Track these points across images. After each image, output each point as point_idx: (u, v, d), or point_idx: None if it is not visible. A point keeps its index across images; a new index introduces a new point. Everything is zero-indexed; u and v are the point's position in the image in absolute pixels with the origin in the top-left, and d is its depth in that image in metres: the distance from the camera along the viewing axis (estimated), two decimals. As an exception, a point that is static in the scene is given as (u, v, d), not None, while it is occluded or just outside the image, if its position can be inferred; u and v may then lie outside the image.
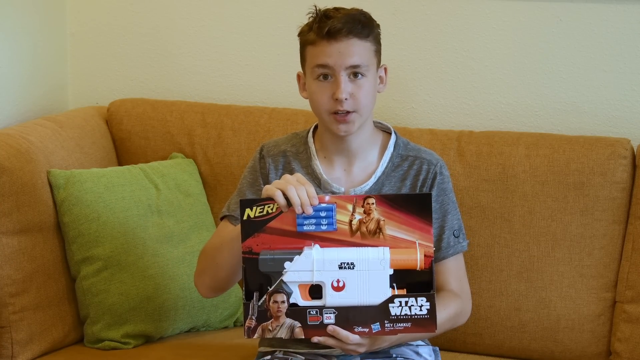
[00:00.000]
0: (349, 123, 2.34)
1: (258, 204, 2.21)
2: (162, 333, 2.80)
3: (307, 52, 2.36)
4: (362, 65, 2.32)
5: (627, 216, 2.74)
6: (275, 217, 2.20)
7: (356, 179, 2.43)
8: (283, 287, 2.19)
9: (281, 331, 2.20)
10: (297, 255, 2.19)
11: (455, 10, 2.99)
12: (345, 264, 2.19)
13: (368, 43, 2.34)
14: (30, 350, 2.68)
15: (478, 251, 2.77)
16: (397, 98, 3.04)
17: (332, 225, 2.20)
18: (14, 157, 2.68)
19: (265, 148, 2.48)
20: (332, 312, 2.20)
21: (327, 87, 2.33)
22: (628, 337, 2.69)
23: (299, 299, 2.19)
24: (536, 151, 2.77)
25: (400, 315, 2.19)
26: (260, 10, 3.16)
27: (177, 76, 3.26)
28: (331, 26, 2.30)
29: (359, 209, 2.20)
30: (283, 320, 2.20)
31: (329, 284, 2.19)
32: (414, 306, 2.19)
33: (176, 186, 2.92)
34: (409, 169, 2.44)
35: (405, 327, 2.20)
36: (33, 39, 3.15)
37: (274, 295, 2.19)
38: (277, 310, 2.19)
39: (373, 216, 2.20)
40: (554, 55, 2.93)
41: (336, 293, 2.19)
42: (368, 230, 2.20)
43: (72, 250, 2.76)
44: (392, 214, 2.20)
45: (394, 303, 2.19)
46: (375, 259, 2.19)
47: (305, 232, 2.20)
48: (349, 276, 2.19)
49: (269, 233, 2.20)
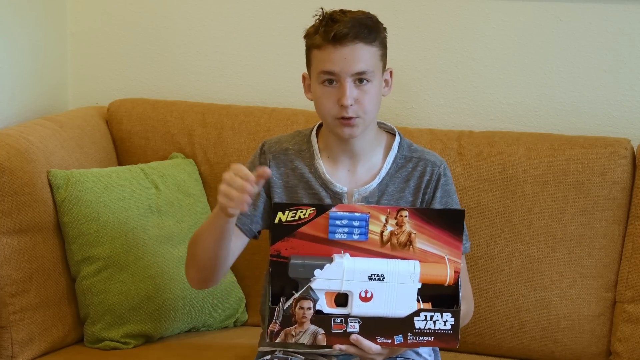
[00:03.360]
0: (353, 127, 2.34)
1: (291, 209, 2.19)
2: (162, 333, 2.80)
3: (313, 56, 2.35)
4: (367, 71, 2.31)
5: (627, 216, 2.74)
6: (307, 223, 2.19)
7: (360, 180, 2.43)
8: (310, 293, 2.18)
9: (304, 337, 2.19)
10: (327, 264, 2.18)
11: (456, 10, 2.99)
12: (375, 276, 2.17)
13: (374, 48, 2.33)
14: (30, 350, 2.68)
15: (478, 251, 2.77)
16: (397, 98, 3.04)
17: (364, 235, 2.19)
18: (14, 157, 2.67)
19: (267, 144, 2.47)
20: (356, 322, 2.19)
21: (333, 93, 2.33)
22: (628, 337, 2.69)
23: (324, 306, 2.18)
24: (536, 151, 2.77)
25: (424, 329, 2.19)
26: (261, 10, 3.16)
27: (177, 76, 3.26)
28: (337, 31, 2.28)
29: (391, 221, 2.19)
30: (307, 327, 2.19)
31: (357, 293, 2.18)
32: (439, 321, 2.19)
33: (176, 186, 2.92)
34: (412, 170, 2.44)
35: (427, 340, 2.19)
36: (33, 39, 3.15)
37: (301, 302, 2.18)
38: (302, 316, 2.18)
39: (405, 229, 2.19)
40: (554, 55, 2.93)
41: (363, 303, 2.18)
42: (399, 242, 2.19)
43: (72, 250, 2.76)
44: (423, 228, 2.19)
45: (419, 317, 2.18)
46: (405, 272, 2.17)
47: (336, 240, 2.19)
48: (378, 287, 2.18)
49: (299, 238, 2.18)
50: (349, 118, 2.32)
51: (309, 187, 2.42)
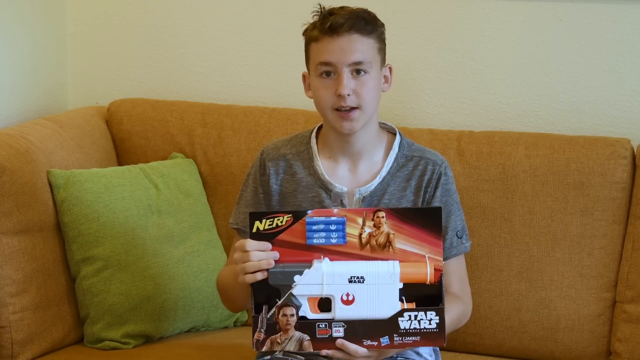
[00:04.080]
0: (352, 121, 2.34)
1: (268, 217, 2.20)
2: (162, 333, 2.80)
3: (311, 50, 2.36)
4: (364, 61, 2.32)
5: (627, 216, 2.74)
6: (285, 230, 2.20)
7: (361, 179, 2.43)
8: (292, 300, 2.18)
9: (290, 344, 2.20)
10: (306, 269, 2.18)
11: (455, 10, 2.99)
12: (355, 278, 2.18)
13: (371, 40, 2.34)
14: (30, 350, 2.68)
15: (478, 251, 2.77)
16: (397, 98, 3.04)
17: (342, 238, 2.19)
18: (14, 157, 2.68)
19: (265, 152, 2.48)
20: (341, 326, 2.19)
21: (330, 84, 2.33)
22: (628, 337, 2.69)
23: (307, 312, 2.19)
24: (536, 151, 2.77)
25: (410, 329, 2.19)
26: (261, 10, 3.16)
27: (177, 76, 3.26)
28: (333, 21, 2.31)
29: (368, 222, 2.19)
30: (292, 333, 2.19)
31: (339, 297, 2.18)
32: (423, 320, 2.19)
33: (176, 186, 2.92)
34: (413, 169, 2.44)
35: (414, 340, 2.19)
36: (33, 39, 3.15)
37: (283, 309, 2.19)
38: (286, 323, 2.19)
39: (383, 229, 2.20)
40: (554, 55, 2.93)
41: (345, 307, 2.18)
42: (378, 243, 2.20)
43: (72, 250, 2.76)
44: (402, 228, 2.19)
45: (403, 317, 2.18)
46: (385, 272, 2.18)
47: (314, 245, 2.19)
48: (359, 290, 2.18)
49: (278, 246, 2.19)
50: (348, 111, 2.32)
51: (309, 190, 2.42)
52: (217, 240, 2.93)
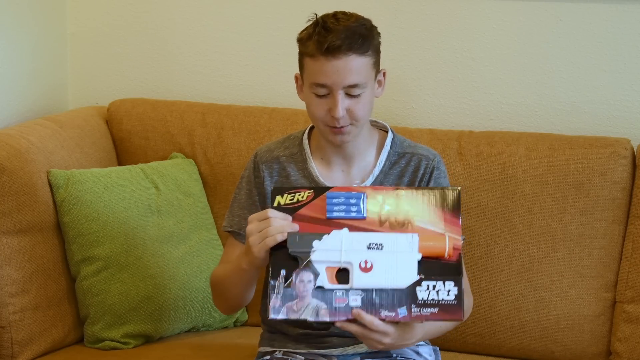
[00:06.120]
0: (344, 134, 2.34)
1: (289, 192, 2.21)
2: (162, 333, 2.80)
3: (306, 63, 2.33)
4: (360, 83, 2.30)
5: (627, 216, 2.74)
6: (305, 205, 2.20)
7: (354, 180, 2.43)
8: (310, 267, 2.17)
9: (306, 312, 2.17)
10: (325, 235, 2.18)
11: (455, 10, 2.99)
12: (374, 245, 2.17)
13: (367, 58, 2.30)
14: (30, 350, 2.68)
15: (478, 251, 2.77)
16: (397, 98, 3.04)
17: (360, 213, 2.19)
18: (14, 157, 2.68)
19: (258, 154, 2.47)
20: (358, 294, 2.17)
21: (324, 103, 2.32)
22: (628, 337, 2.69)
23: (325, 281, 2.17)
24: (536, 151, 2.77)
25: (428, 300, 2.16)
26: (260, 10, 3.16)
27: (177, 76, 3.26)
28: (330, 42, 2.26)
29: (389, 200, 2.20)
30: (308, 301, 2.17)
31: (357, 264, 2.17)
32: (442, 290, 2.16)
33: (176, 186, 2.92)
34: (406, 165, 2.44)
35: (432, 312, 2.16)
36: (33, 39, 3.15)
37: (301, 274, 2.17)
38: (302, 289, 2.17)
39: (402, 208, 2.20)
40: (554, 55, 2.93)
41: (363, 274, 2.17)
42: (397, 221, 2.20)
43: (72, 250, 2.76)
44: (421, 207, 2.19)
45: (422, 286, 2.16)
46: (404, 241, 2.17)
47: (334, 220, 2.19)
48: (377, 257, 2.17)
49: (298, 220, 2.19)
50: (341, 127, 2.32)
51: None
52: (217, 240, 2.93)
